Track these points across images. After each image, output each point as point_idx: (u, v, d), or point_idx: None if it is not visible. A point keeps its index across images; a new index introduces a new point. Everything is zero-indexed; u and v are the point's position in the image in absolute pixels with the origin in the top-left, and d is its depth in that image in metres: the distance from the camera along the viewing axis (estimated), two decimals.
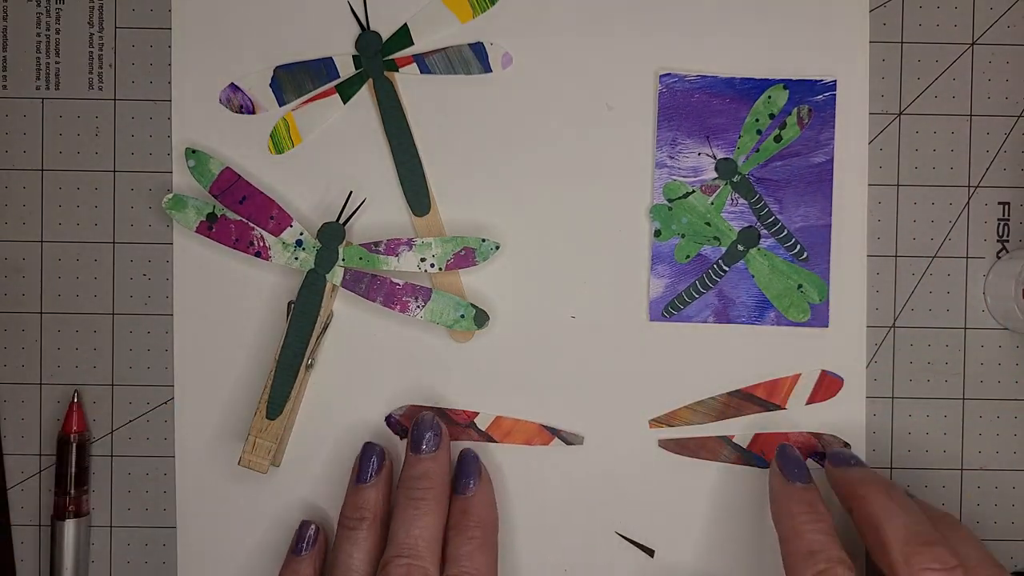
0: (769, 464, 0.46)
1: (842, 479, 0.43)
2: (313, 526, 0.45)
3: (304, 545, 0.45)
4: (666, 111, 0.47)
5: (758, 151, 0.47)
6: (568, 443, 0.47)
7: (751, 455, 0.47)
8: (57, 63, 0.47)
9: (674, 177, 0.47)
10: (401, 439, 0.47)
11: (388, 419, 0.47)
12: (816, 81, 0.47)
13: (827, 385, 0.47)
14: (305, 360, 0.46)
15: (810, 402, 0.47)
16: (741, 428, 0.47)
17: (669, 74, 0.47)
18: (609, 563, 0.47)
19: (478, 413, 0.47)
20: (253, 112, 0.47)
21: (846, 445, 0.47)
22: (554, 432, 0.47)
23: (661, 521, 0.47)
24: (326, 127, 0.47)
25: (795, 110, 0.47)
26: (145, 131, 0.47)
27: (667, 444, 0.47)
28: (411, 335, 0.47)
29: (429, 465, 0.44)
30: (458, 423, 0.47)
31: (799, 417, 0.47)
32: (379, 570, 0.41)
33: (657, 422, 0.47)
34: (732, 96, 0.47)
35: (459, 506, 0.43)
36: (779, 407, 0.47)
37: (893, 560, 0.39)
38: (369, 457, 0.44)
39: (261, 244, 0.46)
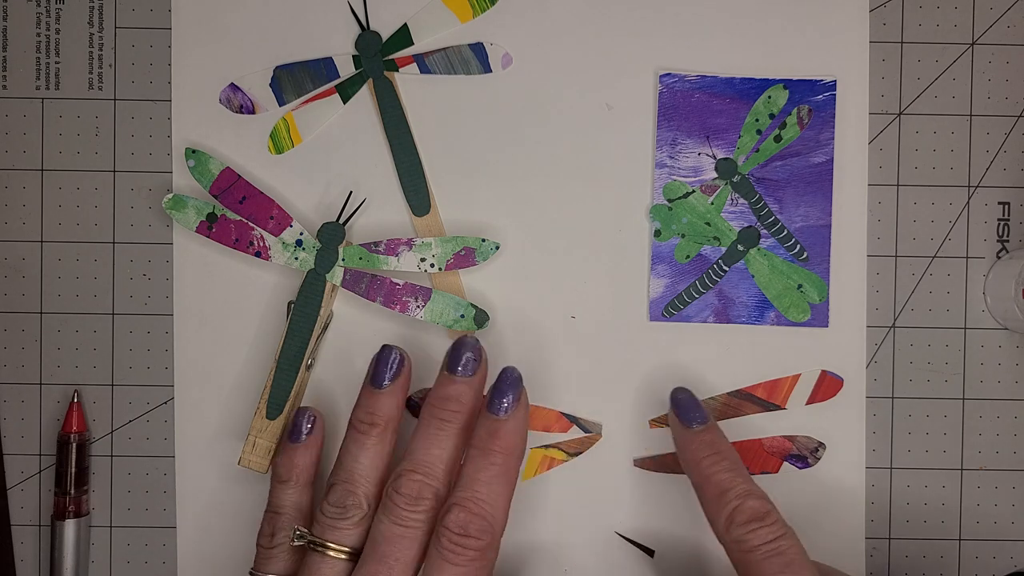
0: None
1: (687, 446, 0.43)
2: (309, 413, 0.43)
3: (301, 434, 0.43)
4: (666, 111, 0.47)
5: (758, 151, 0.47)
6: (586, 431, 0.47)
7: None
8: (57, 63, 0.47)
9: (674, 177, 0.47)
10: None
11: (409, 402, 0.46)
12: (816, 81, 0.47)
13: (827, 385, 0.47)
14: (305, 360, 0.46)
15: (810, 402, 0.47)
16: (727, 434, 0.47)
17: (669, 74, 0.47)
18: (609, 563, 0.47)
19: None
20: (253, 112, 0.47)
21: (821, 445, 0.47)
22: (573, 420, 0.47)
23: (661, 521, 0.47)
24: (326, 127, 0.47)
25: (795, 110, 0.47)
26: (145, 131, 0.47)
27: (643, 463, 0.47)
28: (411, 335, 0.47)
29: (462, 388, 0.41)
30: None
31: (799, 417, 0.47)
32: (391, 479, 0.40)
33: (657, 422, 0.47)
34: (732, 96, 0.47)
35: (488, 426, 0.40)
36: (779, 407, 0.47)
37: (721, 528, 0.40)
38: (386, 362, 0.42)
39: (261, 244, 0.46)
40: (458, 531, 0.38)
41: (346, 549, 0.40)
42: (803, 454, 0.47)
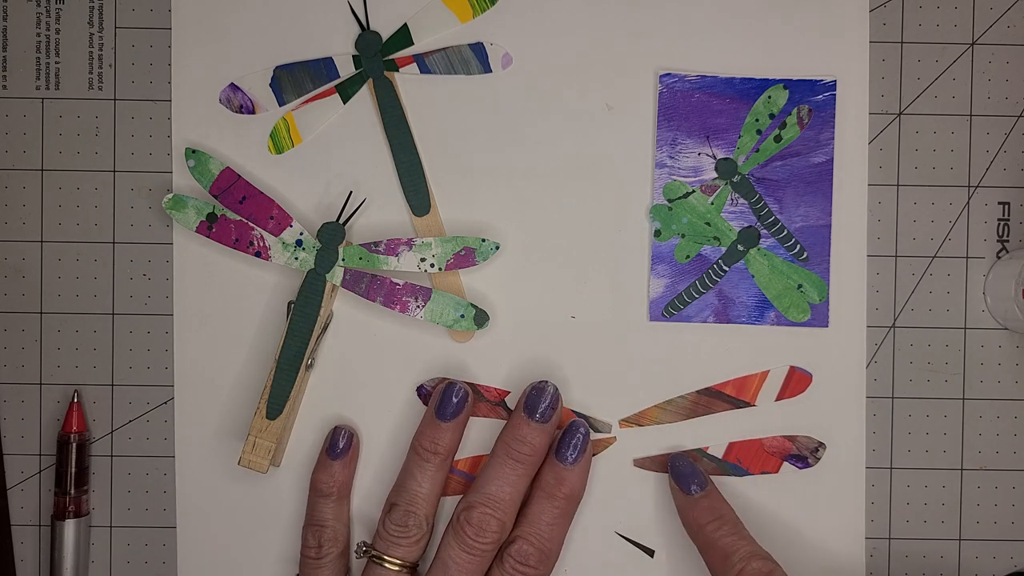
0: (745, 472, 0.47)
1: (689, 512, 0.45)
2: (345, 431, 0.46)
3: (339, 450, 0.46)
4: (666, 111, 0.47)
5: (758, 151, 0.47)
6: (596, 430, 0.47)
7: (727, 464, 0.47)
8: (57, 63, 0.47)
9: (674, 177, 0.47)
10: None
11: (420, 390, 0.47)
12: (816, 81, 0.47)
13: (796, 381, 0.47)
14: (305, 360, 0.46)
15: (779, 398, 0.47)
16: (715, 437, 0.47)
17: (669, 74, 0.47)
18: (609, 563, 0.47)
19: (509, 392, 0.47)
20: (253, 112, 0.47)
21: (821, 445, 0.46)
22: (583, 418, 0.47)
23: (661, 521, 0.47)
24: (326, 127, 0.47)
25: (795, 110, 0.47)
26: (145, 131, 0.47)
27: (642, 462, 0.47)
28: (411, 335, 0.47)
29: (537, 434, 0.44)
30: (488, 400, 0.47)
31: (799, 416, 0.47)
32: (462, 509, 0.44)
33: (627, 422, 0.47)
34: (732, 96, 0.47)
35: (555, 473, 0.44)
36: (748, 404, 0.47)
37: None
38: (452, 397, 0.45)
39: (261, 244, 0.46)
40: (520, 560, 0.43)
41: (406, 563, 0.44)
42: (803, 454, 0.47)
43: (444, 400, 0.45)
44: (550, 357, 0.47)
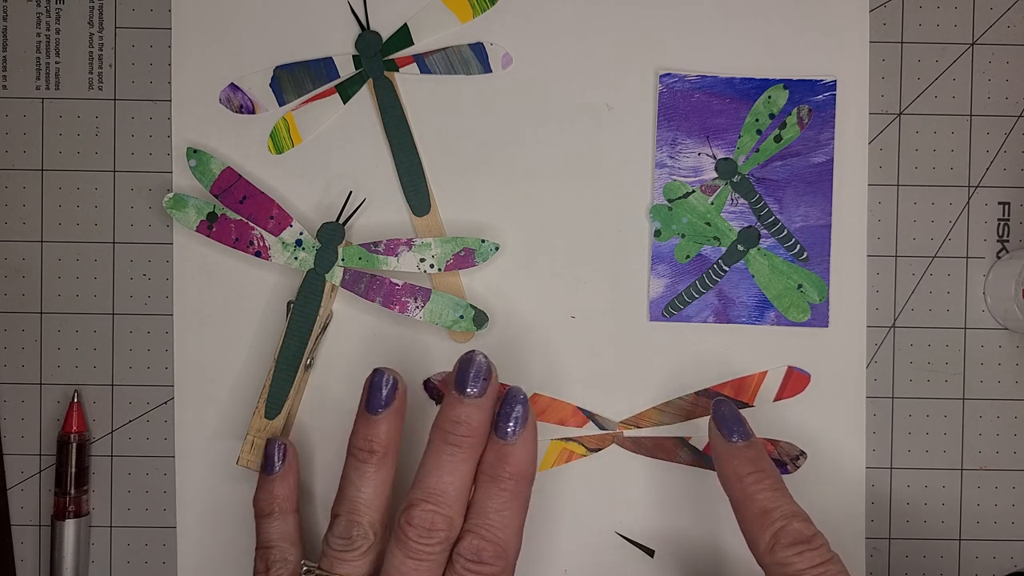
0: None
1: (728, 461, 0.41)
2: (279, 444, 0.43)
3: (275, 465, 0.43)
4: (666, 111, 0.47)
5: (758, 151, 0.47)
6: (601, 428, 0.47)
7: (706, 458, 0.46)
8: (57, 63, 0.47)
9: (674, 177, 0.47)
10: (436, 404, 0.47)
11: (426, 384, 0.47)
12: (816, 81, 0.47)
13: (794, 381, 0.47)
14: (304, 360, 0.46)
15: (778, 398, 0.47)
16: (700, 429, 0.47)
17: (669, 74, 0.47)
18: (609, 563, 0.47)
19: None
20: (253, 112, 0.47)
21: (802, 454, 0.46)
22: (588, 415, 0.47)
23: (661, 521, 0.47)
24: (326, 127, 0.47)
25: (795, 110, 0.47)
26: (145, 131, 0.47)
27: (624, 442, 0.47)
28: (411, 335, 0.47)
29: (471, 411, 0.39)
30: None
31: (800, 416, 0.47)
32: (403, 509, 0.39)
33: (625, 423, 0.47)
34: (732, 96, 0.47)
35: (497, 451, 0.39)
36: (747, 404, 0.47)
37: (764, 549, 0.39)
38: (380, 387, 0.41)
39: (261, 244, 0.46)
40: (472, 558, 0.38)
41: None
42: (783, 460, 0.46)
43: (372, 391, 0.40)
44: (550, 357, 0.47)
